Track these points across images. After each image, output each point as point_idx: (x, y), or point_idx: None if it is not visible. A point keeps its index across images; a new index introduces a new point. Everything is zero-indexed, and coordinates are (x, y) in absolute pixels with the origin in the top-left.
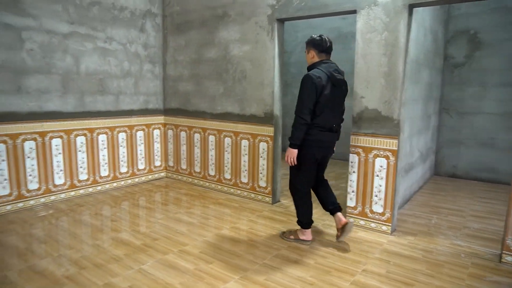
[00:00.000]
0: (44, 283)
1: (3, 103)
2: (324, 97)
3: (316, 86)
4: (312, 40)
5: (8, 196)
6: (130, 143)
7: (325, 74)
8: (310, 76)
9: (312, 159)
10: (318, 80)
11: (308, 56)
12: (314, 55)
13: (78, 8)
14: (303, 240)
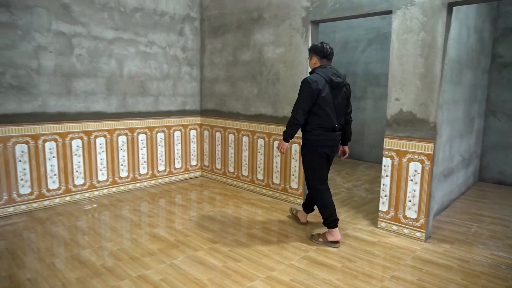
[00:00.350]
0: (85, 272)
1: (55, 104)
2: (321, 99)
3: (312, 90)
4: (314, 48)
5: (57, 190)
6: (168, 143)
7: (322, 78)
8: (307, 80)
9: (321, 157)
10: (314, 84)
11: (311, 62)
12: (316, 61)
13: (123, 15)
14: (332, 242)
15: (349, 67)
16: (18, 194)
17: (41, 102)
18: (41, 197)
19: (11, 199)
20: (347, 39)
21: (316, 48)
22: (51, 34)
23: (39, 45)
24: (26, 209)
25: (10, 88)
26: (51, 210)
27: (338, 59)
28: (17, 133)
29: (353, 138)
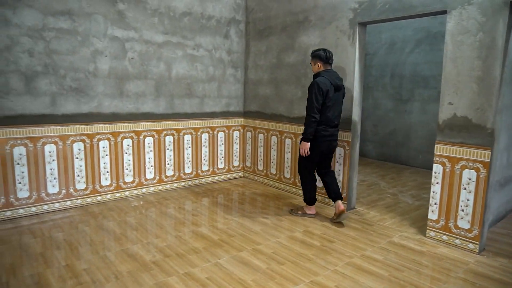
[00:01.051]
0: (135, 266)
1: (109, 105)
2: (328, 99)
3: (322, 90)
4: (318, 55)
5: (109, 186)
6: (212, 143)
7: (328, 80)
8: (317, 82)
9: (316, 150)
10: (323, 85)
11: (315, 67)
12: (320, 66)
13: (172, 19)
14: (309, 214)
15: (396, 69)
16: (74, 189)
17: (97, 103)
18: (94, 193)
19: (68, 193)
20: (393, 39)
21: (320, 56)
22: (107, 39)
23: (96, 50)
24: (81, 203)
25: (70, 90)
26: (103, 205)
27: (384, 60)
28: (75, 132)
29: (399, 142)
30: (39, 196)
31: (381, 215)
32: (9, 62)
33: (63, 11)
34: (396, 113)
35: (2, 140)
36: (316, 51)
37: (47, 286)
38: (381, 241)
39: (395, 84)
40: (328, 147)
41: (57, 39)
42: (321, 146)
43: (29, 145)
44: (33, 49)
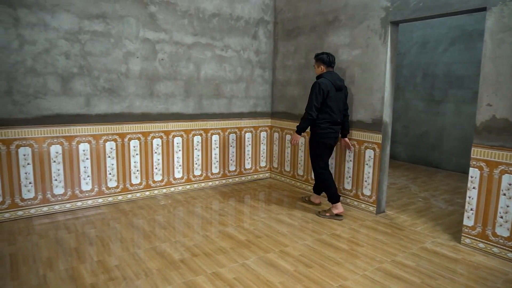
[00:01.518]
0: (163, 263)
1: (140, 105)
2: (329, 98)
3: (323, 91)
4: (321, 58)
5: (139, 185)
6: (239, 144)
7: (329, 82)
8: (319, 82)
9: (326, 147)
10: (324, 85)
11: (318, 69)
12: (323, 68)
13: (201, 21)
14: (337, 215)
15: (428, 68)
16: (106, 187)
17: (128, 103)
18: (125, 191)
19: (100, 191)
20: (426, 38)
21: (323, 59)
22: (138, 41)
23: (128, 51)
24: (112, 201)
25: (103, 91)
26: (133, 203)
27: (416, 59)
28: (107, 131)
29: (431, 144)
30: (73, 193)
31: (412, 219)
32: (47, 64)
33: (97, 15)
34: (428, 114)
35: (41, 138)
36: (320, 54)
37: (81, 280)
38: (413, 247)
39: (427, 84)
40: (334, 142)
41: (92, 42)
42: (328, 142)
43: (64, 143)
44: (70, 51)
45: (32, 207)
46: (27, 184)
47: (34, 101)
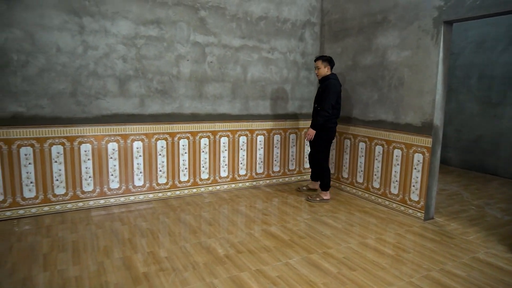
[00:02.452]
0: (209, 258)
1: (189, 106)
2: (339, 97)
3: (337, 90)
4: (329, 60)
5: (186, 182)
6: (283, 145)
7: (338, 82)
8: (335, 84)
9: (330, 140)
10: (338, 86)
11: (324, 70)
12: (328, 69)
13: (249, 24)
14: (327, 200)
15: (485, 69)
16: (157, 183)
17: (179, 104)
18: (174, 187)
19: (151, 186)
20: (482, 37)
21: (330, 60)
22: (189, 44)
23: (179, 55)
24: (162, 196)
25: (156, 92)
26: (181, 200)
27: (470, 60)
28: (159, 130)
29: (486, 150)
30: (127, 188)
31: (463, 228)
32: (107, 67)
33: (152, 20)
34: (483, 117)
35: (100, 136)
36: (326, 56)
37: (134, 269)
38: (464, 256)
39: (483, 86)
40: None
41: (147, 46)
42: (333, 136)
43: (120, 141)
44: (127, 55)
45: (91, 199)
46: (87, 178)
47: (95, 101)
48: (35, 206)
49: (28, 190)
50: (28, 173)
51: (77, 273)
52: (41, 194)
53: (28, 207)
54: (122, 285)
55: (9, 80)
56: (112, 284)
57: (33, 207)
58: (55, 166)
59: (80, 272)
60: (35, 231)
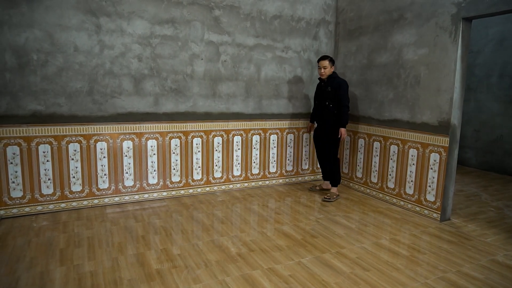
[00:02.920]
0: (222, 256)
1: (203, 105)
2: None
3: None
4: (333, 60)
5: (200, 180)
6: (297, 144)
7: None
8: (346, 82)
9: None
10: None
11: (331, 69)
12: (332, 68)
13: (263, 23)
14: (338, 195)
15: (506, 68)
16: (170, 181)
17: (192, 103)
18: (187, 186)
19: (165, 184)
20: (504, 34)
21: (333, 60)
22: (203, 43)
23: (194, 54)
24: (175, 194)
25: (170, 91)
26: (194, 198)
27: (491, 58)
28: (172, 129)
29: (507, 150)
30: (141, 186)
31: (481, 229)
32: (123, 66)
33: (167, 20)
34: (504, 117)
35: (115, 134)
36: (330, 56)
37: (148, 265)
38: (482, 259)
39: (504, 85)
40: None
41: (161, 45)
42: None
43: (135, 139)
44: (142, 54)
45: (106, 196)
46: (103, 175)
47: (110, 100)
48: (52, 203)
49: (46, 187)
50: (46, 170)
51: (92, 268)
52: (58, 191)
53: (46, 204)
54: (135, 281)
55: (29, 79)
56: (125, 280)
57: (50, 203)
58: (72, 163)
59: (95, 267)
60: (52, 226)
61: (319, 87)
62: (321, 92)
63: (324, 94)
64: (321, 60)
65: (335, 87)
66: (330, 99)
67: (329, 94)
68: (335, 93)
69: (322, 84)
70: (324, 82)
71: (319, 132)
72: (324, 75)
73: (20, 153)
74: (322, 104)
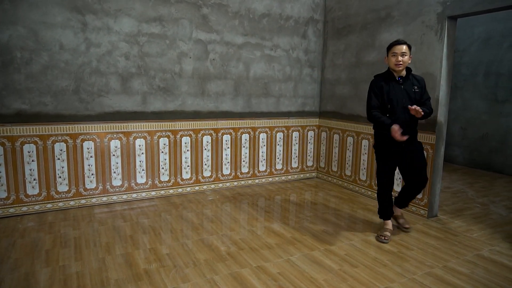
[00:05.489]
0: (211, 255)
1: (192, 103)
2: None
3: None
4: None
5: (189, 180)
6: (286, 143)
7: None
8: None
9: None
10: None
11: (409, 59)
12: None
13: (251, 21)
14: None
15: (491, 66)
16: (159, 181)
17: (181, 101)
18: (176, 185)
19: (154, 184)
20: (489, 34)
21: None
22: (191, 42)
23: (182, 52)
24: (164, 194)
25: (158, 90)
26: (183, 197)
27: (477, 57)
28: (161, 128)
29: (492, 148)
30: (129, 185)
31: (467, 225)
32: (110, 65)
33: (155, 18)
34: (489, 115)
35: (102, 133)
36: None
37: (136, 265)
38: (468, 254)
39: (489, 83)
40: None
41: (149, 43)
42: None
43: (123, 139)
44: (129, 53)
45: (93, 196)
46: (90, 175)
47: (97, 99)
48: (38, 203)
49: (31, 187)
50: (31, 170)
51: (79, 268)
52: (44, 191)
53: (31, 204)
54: (123, 281)
55: (13, 77)
56: (113, 280)
57: (36, 204)
58: (58, 163)
59: (82, 268)
60: (37, 227)
61: (392, 87)
62: (399, 93)
63: (405, 95)
64: (398, 45)
65: (422, 84)
66: (417, 101)
67: (416, 95)
68: (421, 93)
69: (399, 82)
70: (398, 78)
71: (405, 147)
72: (402, 65)
73: (4, 153)
74: (403, 110)
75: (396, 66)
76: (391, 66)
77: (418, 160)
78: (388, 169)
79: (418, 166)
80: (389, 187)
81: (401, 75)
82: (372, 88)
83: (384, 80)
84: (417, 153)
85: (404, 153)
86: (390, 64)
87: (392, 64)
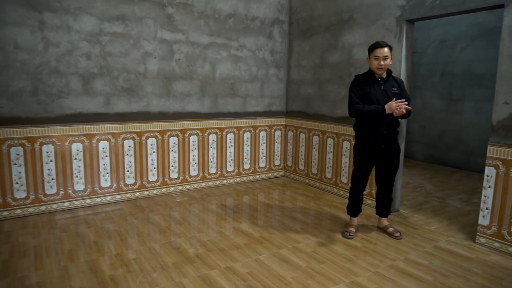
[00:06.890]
0: (179, 258)
1: (157, 104)
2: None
3: None
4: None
5: (155, 182)
6: (254, 142)
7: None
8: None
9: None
10: None
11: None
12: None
13: (217, 21)
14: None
15: (446, 67)
16: (124, 184)
17: (146, 102)
18: (142, 188)
19: (119, 187)
20: (444, 36)
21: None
22: (156, 41)
23: (146, 52)
24: (130, 197)
25: (122, 90)
26: (150, 200)
27: (434, 58)
28: (126, 130)
29: (449, 144)
30: (93, 189)
31: (426, 218)
32: (70, 65)
33: (118, 16)
34: (446, 113)
35: (63, 136)
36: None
37: (100, 272)
38: (426, 245)
39: (445, 83)
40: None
41: (112, 43)
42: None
43: (85, 141)
44: (91, 52)
45: (54, 202)
46: (50, 180)
47: (57, 100)
48: None
49: None
50: None
51: (40, 278)
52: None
53: None
54: None
55: None
56: None
57: None
58: (15, 168)
59: (43, 278)
60: None
61: (373, 88)
62: (380, 93)
63: (386, 96)
64: (379, 48)
65: (402, 86)
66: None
67: (396, 96)
68: (401, 95)
69: (379, 82)
70: (379, 79)
71: (384, 148)
72: (384, 68)
73: None
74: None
75: (378, 69)
76: (372, 68)
77: (394, 163)
78: (366, 169)
79: (392, 170)
80: (363, 186)
81: (382, 76)
82: (352, 89)
83: (365, 81)
84: (394, 155)
85: (383, 154)
86: (371, 66)
87: (374, 67)
